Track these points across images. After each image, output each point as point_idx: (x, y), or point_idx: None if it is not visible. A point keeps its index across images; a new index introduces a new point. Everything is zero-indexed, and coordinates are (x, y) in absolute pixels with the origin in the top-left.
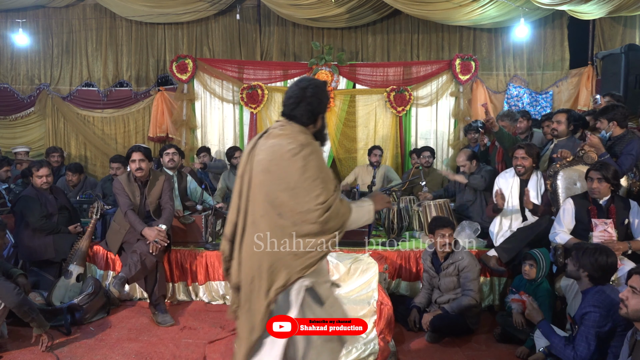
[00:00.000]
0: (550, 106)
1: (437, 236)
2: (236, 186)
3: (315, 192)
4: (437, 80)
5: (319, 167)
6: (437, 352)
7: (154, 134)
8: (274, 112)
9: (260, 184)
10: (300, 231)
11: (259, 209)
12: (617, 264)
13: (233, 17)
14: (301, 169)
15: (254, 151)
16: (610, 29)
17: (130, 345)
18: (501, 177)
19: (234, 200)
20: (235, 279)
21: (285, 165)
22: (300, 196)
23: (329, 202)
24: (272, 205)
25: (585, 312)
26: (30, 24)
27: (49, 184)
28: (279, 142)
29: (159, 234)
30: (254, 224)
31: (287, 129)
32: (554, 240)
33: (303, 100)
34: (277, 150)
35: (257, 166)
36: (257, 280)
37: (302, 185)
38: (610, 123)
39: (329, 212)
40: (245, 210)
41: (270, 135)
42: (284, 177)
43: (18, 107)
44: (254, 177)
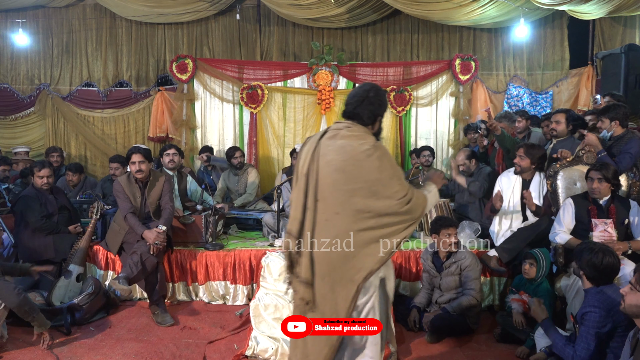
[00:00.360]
0: (550, 106)
1: (443, 236)
2: (299, 185)
3: (395, 189)
4: (437, 80)
5: (392, 165)
6: (437, 352)
7: (154, 134)
8: (274, 112)
9: (333, 183)
10: (380, 225)
11: (333, 207)
12: (617, 265)
13: (233, 17)
14: (378, 168)
15: (317, 151)
16: (610, 29)
17: (130, 345)
18: (504, 175)
19: (298, 198)
20: (305, 274)
21: (361, 165)
22: (380, 193)
23: (408, 195)
24: (349, 203)
25: (585, 312)
26: (30, 24)
27: (50, 184)
28: (349, 142)
29: (158, 236)
30: (328, 221)
31: (355, 130)
32: (554, 240)
33: (365, 100)
34: (350, 151)
35: (328, 166)
36: (338, 272)
37: (381, 184)
38: (612, 122)
39: (410, 205)
40: (314, 208)
41: (338, 136)
42: (360, 176)
43: (18, 107)
44: (325, 177)
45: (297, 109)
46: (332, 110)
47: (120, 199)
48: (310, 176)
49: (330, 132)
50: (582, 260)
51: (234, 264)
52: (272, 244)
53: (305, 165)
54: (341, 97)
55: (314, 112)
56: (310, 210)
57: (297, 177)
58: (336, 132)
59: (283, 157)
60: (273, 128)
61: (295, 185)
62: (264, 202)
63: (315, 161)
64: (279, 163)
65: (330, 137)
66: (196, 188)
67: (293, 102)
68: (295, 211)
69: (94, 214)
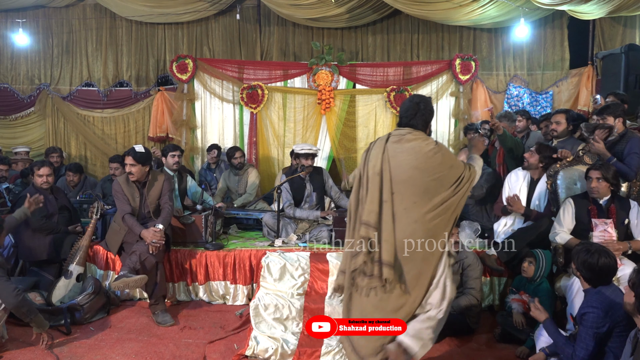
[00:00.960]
0: (551, 106)
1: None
2: (373, 183)
3: (456, 176)
4: (437, 80)
5: (450, 157)
6: (437, 352)
7: (154, 134)
8: (274, 112)
9: (409, 179)
10: (448, 207)
11: (410, 198)
12: (613, 266)
13: (233, 17)
14: (441, 163)
15: (386, 154)
16: (610, 29)
17: (130, 345)
18: (513, 173)
19: (373, 194)
20: (388, 257)
21: (430, 161)
22: (446, 180)
23: (465, 176)
24: (425, 193)
25: (584, 313)
26: (30, 24)
27: (49, 183)
28: (417, 144)
29: (155, 235)
30: (407, 209)
31: (417, 134)
32: (554, 240)
33: (418, 113)
34: (419, 151)
35: (403, 165)
36: (420, 253)
37: (446, 175)
38: (617, 120)
39: (469, 183)
40: (391, 201)
41: (403, 140)
42: (431, 170)
43: (18, 107)
44: (400, 174)
45: (297, 109)
46: (332, 110)
47: (118, 199)
48: (384, 174)
49: (394, 137)
50: (578, 261)
51: (234, 264)
52: (272, 244)
53: (378, 165)
54: (341, 97)
55: (314, 112)
56: (387, 202)
57: (367, 177)
58: (400, 137)
59: (283, 157)
60: (273, 128)
61: (365, 184)
62: (264, 202)
63: (386, 161)
64: (279, 163)
65: (395, 142)
66: (196, 189)
67: (293, 102)
68: (371, 204)
69: (94, 214)
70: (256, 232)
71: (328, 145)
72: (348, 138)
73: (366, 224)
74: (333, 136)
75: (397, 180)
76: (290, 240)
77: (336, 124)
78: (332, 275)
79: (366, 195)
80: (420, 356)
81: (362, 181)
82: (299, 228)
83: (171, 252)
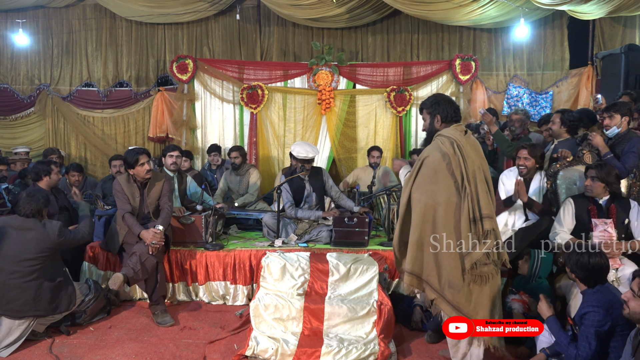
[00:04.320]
0: (550, 106)
1: None
2: (479, 176)
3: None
4: (437, 81)
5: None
6: (437, 352)
7: (154, 134)
8: (274, 112)
9: (479, 167)
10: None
11: (483, 186)
12: (605, 264)
13: (233, 17)
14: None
15: (459, 147)
16: (610, 29)
17: (130, 345)
18: (505, 174)
19: (482, 187)
20: (502, 242)
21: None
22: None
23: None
24: (487, 179)
25: (585, 313)
26: (30, 24)
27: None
28: (474, 138)
29: (155, 236)
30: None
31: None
32: (554, 240)
33: (457, 107)
34: (477, 144)
35: (474, 158)
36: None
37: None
38: (623, 118)
39: None
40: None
41: (468, 134)
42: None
43: (18, 107)
44: (474, 162)
45: (297, 109)
46: (332, 110)
47: (118, 198)
48: (483, 168)
49: (461, 133)
50: (571, 263)
51: (234, 264)
52: (272, 244)
53: (477, 161)
54: (341, 97)
55: (314, 112)
56: (489, 192)
57: (467, 172)
58: (462, 131)
59: (283, 157)
60: (273, 128)
61: (467, 179)
62: (264, 202)
63: (476, 155)
64: (279, 163)
65: (464, 137)
66: (196, 189)
67: (293, 102)
68: (485, 197)
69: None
70: (256, 232)
71: (328, 145)
72: (348, 138)
73: (489, 216)
74: (333, 136)
75: (474, 169)
76: (290, 241)
77: (336, 124)
78: (332, 275)
79: (475, 190)
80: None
81: (458, 177)
82: (299, 228)
83: (171, 252)
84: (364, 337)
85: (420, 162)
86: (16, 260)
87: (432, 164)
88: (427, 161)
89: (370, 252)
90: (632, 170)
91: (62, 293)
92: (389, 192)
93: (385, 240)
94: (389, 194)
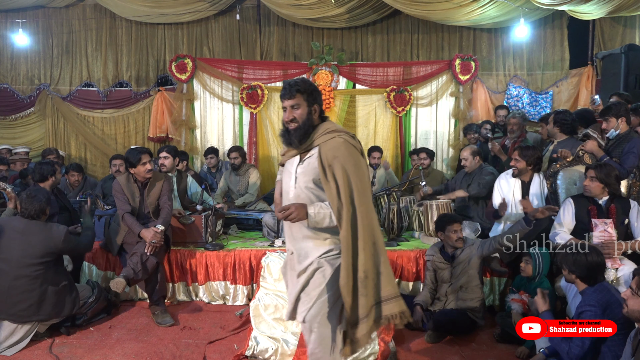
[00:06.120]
0: (550, 106)
1: (450, 232)
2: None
3: None
4: (437, 81)
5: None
6: (437, 352)
7: (154, 134)
8: (274, 112)
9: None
10: None
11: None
12: (602, 260)
13: (233, 17)
14: None
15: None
16: (610, 29)
17: (130, 345)
18: (502, 178)
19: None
20: None
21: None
22: None
23: None
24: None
25: (582, 311)
26: (30, 24)
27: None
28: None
29: (155, 235)
30: None
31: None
32: (554, 240)
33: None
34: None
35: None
36: None
37: None
38: (619, 120)
39: None
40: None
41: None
42: None
43: (18, 107)
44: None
45: None
46: (332, 111)
47: (118, 199)
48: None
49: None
50: (569, 264)
51: (234, 264)
52: (272, 244)
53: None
54: (341, 97)
55: None
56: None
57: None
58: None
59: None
60: (273, 128)
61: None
62: (264, 202)
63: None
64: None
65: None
66: (197, 189)
67: None
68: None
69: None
70: (256, 232)
71: None
72: None
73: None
74: None
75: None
76: None
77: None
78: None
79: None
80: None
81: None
82: None
83: (171, 252)
84: None
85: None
86: (20, 265)
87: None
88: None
89: None
90: (632, 171)
91: (67, 297)
92: (389, 192)
93: (385, 240)
94: (389, 194)
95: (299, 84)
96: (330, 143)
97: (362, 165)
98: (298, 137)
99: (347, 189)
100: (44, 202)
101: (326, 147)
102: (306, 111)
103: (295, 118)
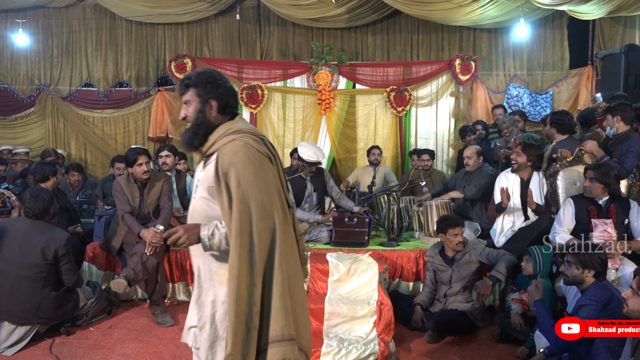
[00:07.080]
0: (550, 106)
1: (450, 235)
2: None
3: None
4: (437, 81)
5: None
6: (436, 352)
7: (154, 134)
8: (274, 112)
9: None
10: None
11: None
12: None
13: (233, 17)
14: None
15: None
16: (610, 29)
17: (130, 345)
18: (502, 175)
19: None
20: None
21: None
22: None
23: None
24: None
25: (581, 305)
26: (30, 24)
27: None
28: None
29: (155, 235)
30: None
31: None
32: (554, 240)
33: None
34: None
35: None
36: None
37: None
38: (614, 118)
39: None
40: None
41: None
42: None
43: (18, 107)
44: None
45: (297, 109)
46: (332, 111)
47: (118, 199)
48: None
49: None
50: (585, 260)
51: None
52: None
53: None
54: (341, 97)
55: (313, 112)
56: None
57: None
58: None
59: (283, 157)
60: (273, 128)
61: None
62: None
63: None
64: None
65: None
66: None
67: (293, 102)
68: None
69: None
70: None
71: (328, 145)
72: (348, 138)
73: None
74: (333, 136)
75: None
76: None
77: (336, 124)
78: (332, 276)
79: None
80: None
81: None
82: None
83: (171, 252)
84: (364, 337)
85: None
86: (22, 266)
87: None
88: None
89: (370, 252)
90: (631, 170)
91: (67, 301)
92: (389, 192)
93: (385, 240)
94: (389, 194)
95: (191, 77)
96: (228, 147)
97: (265, 174)
98: (186, 138)
99: (242, 202)
100: (48, 201)
101: (223, 151)
102: (197, 108)
103: (186, 116)
